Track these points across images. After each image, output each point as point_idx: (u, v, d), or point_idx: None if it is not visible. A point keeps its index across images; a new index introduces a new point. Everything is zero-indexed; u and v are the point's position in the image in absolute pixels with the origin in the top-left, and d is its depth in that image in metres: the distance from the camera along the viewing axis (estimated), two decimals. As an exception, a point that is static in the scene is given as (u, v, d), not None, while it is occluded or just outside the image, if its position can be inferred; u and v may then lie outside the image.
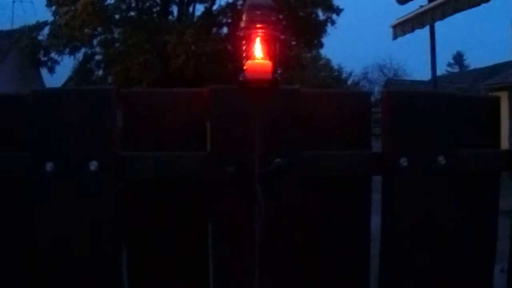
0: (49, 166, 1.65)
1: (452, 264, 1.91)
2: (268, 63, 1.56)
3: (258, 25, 1.56)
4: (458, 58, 60.65)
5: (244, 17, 1.58)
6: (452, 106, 1.91)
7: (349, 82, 47.85)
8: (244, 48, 1.58)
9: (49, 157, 1.66)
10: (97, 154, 1.67)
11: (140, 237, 1.79)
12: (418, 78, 37.83)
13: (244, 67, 1.57)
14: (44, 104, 1.69)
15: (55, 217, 1.68)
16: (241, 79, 1.57)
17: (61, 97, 1.73)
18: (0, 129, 1.72)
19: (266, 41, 1.57)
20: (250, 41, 1.56)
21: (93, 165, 1.66)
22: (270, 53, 1.57)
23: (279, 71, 1.62)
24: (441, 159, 1.85)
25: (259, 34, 1.56)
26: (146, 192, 1.78)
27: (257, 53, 1.56)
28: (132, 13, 20.96)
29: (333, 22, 22.14)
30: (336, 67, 46.76)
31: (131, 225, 1.78)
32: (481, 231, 2.00)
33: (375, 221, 1.89)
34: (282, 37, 1.62)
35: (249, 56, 1.56)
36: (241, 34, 1.58)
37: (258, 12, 1.57)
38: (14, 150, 1.70)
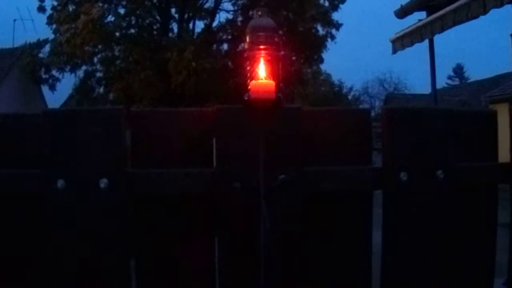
0: (60, 183, 1.71)
1: (453, 276, 1.95)
2: (271, 83, 1.61)
3: (262, 46, 1.61)
4: (458, 70, 60.51)
5: (247, 39, 1.64)
6: (450, 121, 1.97)
7: (349, 97, 47.69)
8: (248, 68, 1.63)
9: (60, 175, 1.71)
10: (107, 172, 1.72)
11: (149, 251, 1.83)
12: (418, 92, 37.59)
13: (249, 87, 1.62)
14: (56, 123, 1.75)
15: (66, 232, 1.73)
16: (245, 98, 1.63)
17: (72, 117, 1.78)
18: (13, 148, 1.78)
19: (269, 62, 1.62)
20: (254, 62, 1.62)
21: (103, 183, 1.71)
22: (273, 73, 1.62)
23: (281, 86, 1.67)
24: (439, 173, 1.90)
25: (263, 55, 1.61)
26: (155, 207, 1.83)
27: (261, 73, 1.62)
28: (132, 31, 20.91)
29: (333, 37, 22.08)
30: (336, 82, 46.64)
31: (141, 239, 1.83)
32: (480, 242, 2.03)
33: (376, 235, 1.93)
34: (282, 53, 1.67)
35: (253, 77, 1.62)
36: (245, 55, 1.63)
37: (261, 34, 1.62)
38: (27, 167, 1.75)
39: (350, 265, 1.93)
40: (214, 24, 21.95)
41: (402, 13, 10.04)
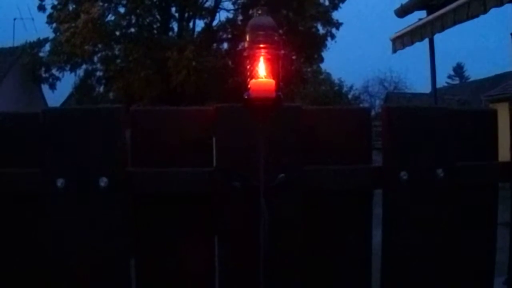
0: (60, 182, 1.71)
1: (453, 275, 1.95)
2: (271, 82, 1.61)
3: (262, 45, 1.61)
4: (458, 69, 60.52)
5: (247, 37, 1.64)
6: (450, 120, 1.96)
7: (349, 96, 47.58)
8: (248, 67, 1.63)
9: (60, 174, 1.71)
10: (107, 171, 1.72)
11: (149, 251, 1.83)
12: (418, 91, 37.61)
13: (248, 86, 1.62)
14: (55, 122, 1.75)
15: (65, 231, 1.73)
16: (245, 97, 1.62)
17: (71, 115, 1.78)
18: (13, 147, 1.78)
19: (269, 60, 1.62)
20: (254, 61, 1.62)
21: (103, 181, 1.71)
22: (273, 72, 1.62)
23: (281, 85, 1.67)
24: (439, 171, 1.89)
25: (262, 53, 1.61)
26: (155, 206, 1.82)
27: (261, 72, 1.61)
28: (132, 30, 20.93)
29: (333, 36, 22.13)
30: (336, 81, 46.57)
31: (140, 238, 1.83)
32: (480, 242, 2.03)
33: (376, 235, 1.93)
34: (282, 52, 1.67)
35: (253, 75, 1.62)
36: (245, 54, 1.63)
37: (261, 33, 1.62)
38: (26, 167, 1.75)
39: (350, 264, 1.93)
40: (214, 23, 22.01)
41: (402, 12, 10.03)
